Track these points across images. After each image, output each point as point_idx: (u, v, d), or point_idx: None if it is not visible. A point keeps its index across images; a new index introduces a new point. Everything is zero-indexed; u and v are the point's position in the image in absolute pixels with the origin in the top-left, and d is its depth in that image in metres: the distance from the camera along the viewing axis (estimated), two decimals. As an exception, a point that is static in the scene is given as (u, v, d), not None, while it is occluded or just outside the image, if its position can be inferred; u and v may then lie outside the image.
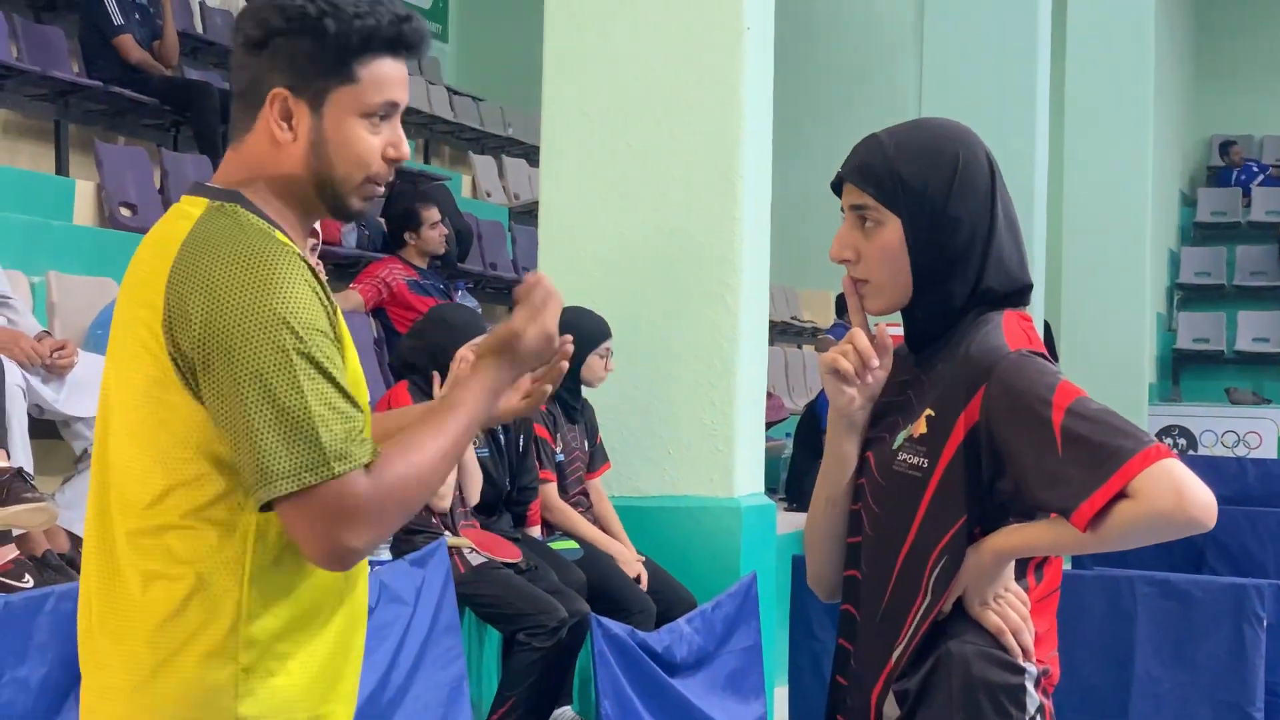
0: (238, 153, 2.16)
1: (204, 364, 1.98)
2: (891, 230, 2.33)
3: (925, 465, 2.28)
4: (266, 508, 2.00)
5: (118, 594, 2.07)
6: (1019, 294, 2.37)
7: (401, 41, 2.14)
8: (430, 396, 5.17)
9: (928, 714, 2.28)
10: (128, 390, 2.07)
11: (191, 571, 2.03)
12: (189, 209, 2.11)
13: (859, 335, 2.36)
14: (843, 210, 2.40)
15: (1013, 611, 2.27)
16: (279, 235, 2.09)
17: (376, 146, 2.14)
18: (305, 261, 2.06)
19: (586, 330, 5.68)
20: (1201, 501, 2.11)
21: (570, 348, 2.26)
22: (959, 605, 2.28)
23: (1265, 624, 5.32)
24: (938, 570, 2.27)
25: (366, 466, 1.99)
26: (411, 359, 5.34)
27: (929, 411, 2.30)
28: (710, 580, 5.77)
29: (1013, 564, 2.28)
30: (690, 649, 5.30)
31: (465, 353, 2.64)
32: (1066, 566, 2.56)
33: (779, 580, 6.22)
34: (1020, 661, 2.27)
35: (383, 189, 2.20)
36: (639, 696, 4.89)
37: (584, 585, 5.41)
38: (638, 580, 5.70)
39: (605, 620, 4.88)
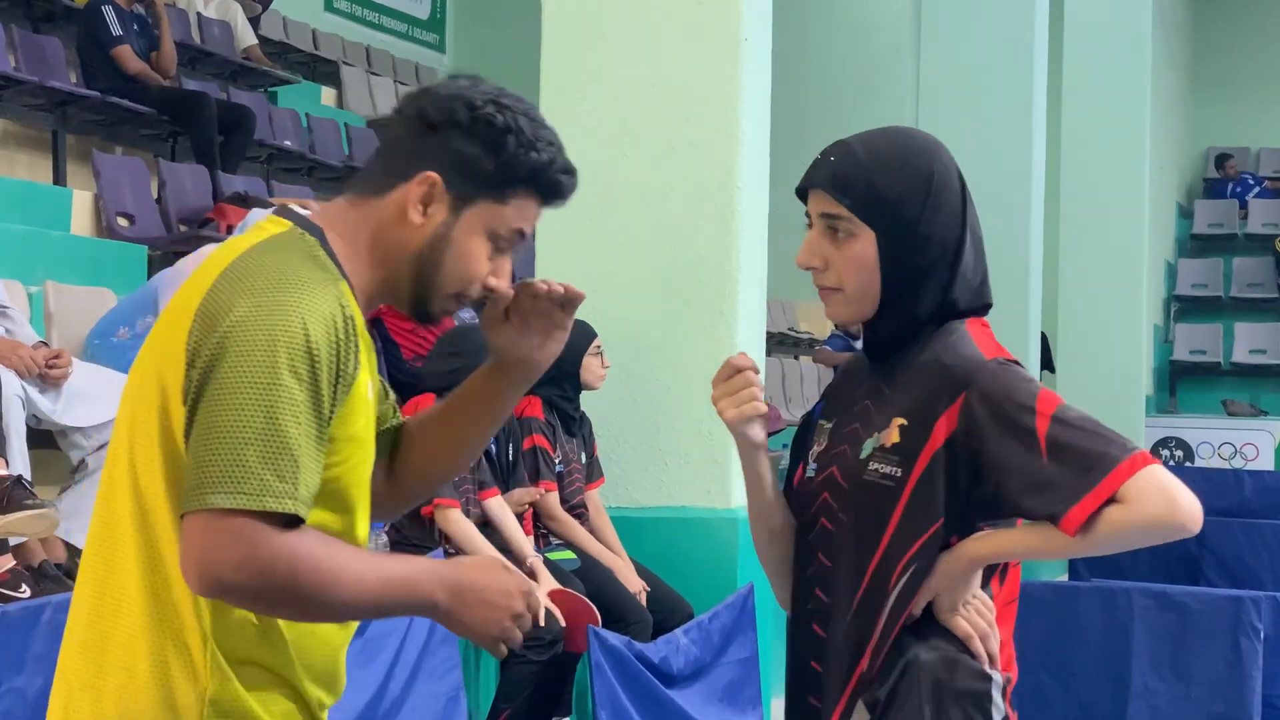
0: (354, 206, 2.11)
1: (211, 362, 1.91)
2: (865, 242, 2.33)
3: (899, 475, 2.28)
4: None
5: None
6: (977, 310, 2.39)
7: (556, 191, 2.14)
8: None
9: None
10: (136, 392, 2.02)
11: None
12: (270, 226, 2.07)
13: (730, 363, 2.45)
14: (808, 216, 2.40)
15: (980, 619, 2.28)
16: (341, 284, 2.02)
17: (486, 271, 2.13)
18: (351, 311, 1.99)
19: (574, 335, 5.72)
20: (1190, 507, 2.16)
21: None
22: (927, 612, 2.29)
23: (1262, 636, 5.32)
24: (906, 577, 2.27)
25: (289, 524, 1.89)
26: (449, 382, 5.25)
27: (900, 421, 2.30)
28: (707, 591, 5.76)
29: (980, 571, 2.29)
30: (687, 660, 5.30)
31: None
32: (1051, 577, 2.55)
33: (776, 592, 6.21)
34: (987, 669, 2.28)
35: (459, 310, 2.17)
36: (636, 708, 4.88)
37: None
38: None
39: (602, 631, 4.87)
